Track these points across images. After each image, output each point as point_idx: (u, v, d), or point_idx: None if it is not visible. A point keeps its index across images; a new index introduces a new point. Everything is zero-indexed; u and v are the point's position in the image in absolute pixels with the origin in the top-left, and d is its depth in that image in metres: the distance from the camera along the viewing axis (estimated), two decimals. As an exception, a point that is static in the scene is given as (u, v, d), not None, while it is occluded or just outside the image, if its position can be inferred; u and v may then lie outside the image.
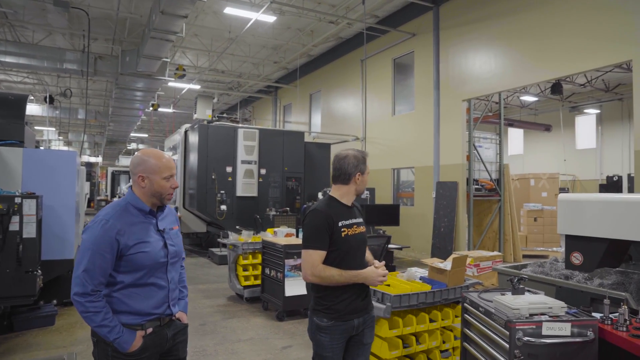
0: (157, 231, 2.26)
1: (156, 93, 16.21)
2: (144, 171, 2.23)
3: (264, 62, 17.69)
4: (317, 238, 2.51)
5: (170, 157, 2.34)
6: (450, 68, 10.97)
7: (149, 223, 2.25)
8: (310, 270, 2.49)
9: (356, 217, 2.70)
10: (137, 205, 2.25)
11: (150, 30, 9.66)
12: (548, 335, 2.47)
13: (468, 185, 10.56)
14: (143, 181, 2.23)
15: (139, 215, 2.24)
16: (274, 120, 21.47)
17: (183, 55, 17.13)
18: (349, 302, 2.56)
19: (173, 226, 2.39)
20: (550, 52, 8.54)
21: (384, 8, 12.59)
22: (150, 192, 2.24)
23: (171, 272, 2.31)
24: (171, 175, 2.28)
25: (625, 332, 2.44)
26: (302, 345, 5.14)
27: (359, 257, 2.66)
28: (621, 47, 7.41)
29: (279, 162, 11.90)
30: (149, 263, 2.17)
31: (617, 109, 18.31)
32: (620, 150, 17.75)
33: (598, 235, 3.54)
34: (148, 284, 2.20)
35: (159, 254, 2.22)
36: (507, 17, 9.47)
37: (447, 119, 10.99)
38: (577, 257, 3.79)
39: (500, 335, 2.58)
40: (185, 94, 20.43)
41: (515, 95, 18.32)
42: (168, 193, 2.28)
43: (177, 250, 2.35)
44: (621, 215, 3.36)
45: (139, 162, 2.25)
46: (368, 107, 14.18)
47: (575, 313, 2.60)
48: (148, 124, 28.56)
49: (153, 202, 2.28)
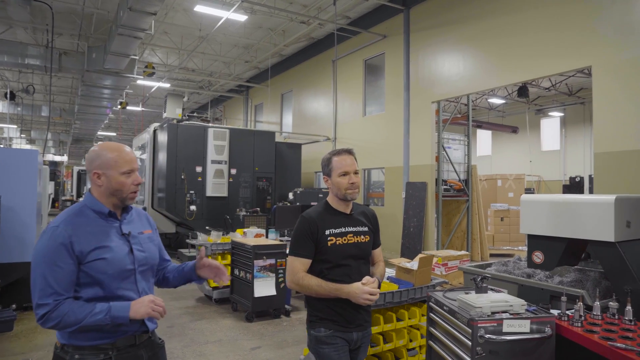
0: (121, 235, 1.99)
1: (124, 91, 15.85)
2: (99, 167, 1.95)
3: (235, 61, 17.54)
4: (299, 245, 2.40)
5: (130, 150, 2.05)
6: (420, 70, 11.13)
7: (109, 227, 1.97)
8: (290, 277, 2.40)
9: (356, 226, 2.50)
10: (94, 207, 1.97)
11: (118, 27, 9.44)
12: (508, 332, 2.53)
13: (437, 185, 10.72)
14: (99, 178, 1.95)
15: (97, 219, 1.96)
16: (245, 120, 21.32)
17: (152, 53, 16.82)
18: (344, 314, 2.40)
19: (144, 230, 2.13)
20: (517, 57, 8.76)
21: (355, 9, 12.66)
22: (109, 190, 1.96)
23: (142, 282, 2.02)
24: (132, 170, 1.99)
25: (580, 327, 2.52)
26: (271, 346, 5.12)
27: (354, 270, 2.43)
28: (582, 54, 7.67)
29: (250, 162, 11.82)
30: (111, 271, 1.89)
31: (579, 112, 18.95)
32: (582, 152, 18.38)
33: (557, 234, 3.65)
34: (115, 296, 1.90)
35: (124, 261, 1.93)
36: (475, 22, 9.67)
37: (417, 120, 11.14)
38: (538, 256, 3.90)
39: (463, 333, 2.63)
40: (154, 92, 20.06)
41: (484, 97, 18.73)
42: (130, 191, 1.99)
43: (148, 257, 2.07)
44: (578, 216, 3.47)
45: (93, 157, 1.98)
46: (339, 107, 14.23)
47: (535, 310, 2.68)
48: (116, 122, 27.92)
49: (113, 203, 1.99)
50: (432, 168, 10.70)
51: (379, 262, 2.64)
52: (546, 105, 19.63)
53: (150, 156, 12.17)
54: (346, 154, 2.52)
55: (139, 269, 2.01)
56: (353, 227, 2.48)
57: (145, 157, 12.37)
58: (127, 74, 12.91)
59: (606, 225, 3.30)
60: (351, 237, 2.46)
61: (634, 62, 6.91)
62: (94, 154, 1.99)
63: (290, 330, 5.70)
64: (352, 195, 2.47)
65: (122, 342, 1.93)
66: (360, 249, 2.48)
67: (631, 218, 3.41)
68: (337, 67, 14.17)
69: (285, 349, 5.05)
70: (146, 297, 1.93)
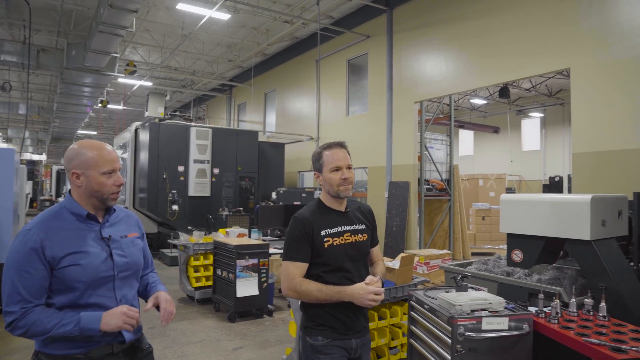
0: (101, 239, 1.88)
1: (105, 89, 15.60)
2: (78, 166, 1.84)
3: (218, 60, 17.42)
4: (294, 248, 2.22)
5: (112, 149, 1.94)
6: (403, 70, 11.20)
7: (87, 230, 1.86)
8: (287, 284, 2.21)
9: (352, 224, 2.35)
10: (73, 210, 1.86)
11: (98, 24, 9.29)
12: (487, 329, 2.56)
13: (419, 185, 10.81)
14: (78, 179, 1.85)
15: (74, 222, 1.85)
16: (228, 119, 21.19)
17: (134, 51, 16.60)
18: (344, 320, 2.24)
19: (128, 233, 2.00)
20: (498, 58, 8.88)
21: (339, 9, 12.69)
22: (88, 191, 1.85)
23: (122, 289, 1.91)
24: (113, 170, 1.88)
25: (556, 324, 2.57)
26: (253, 347, 5.10)
27: (354, 271, 2.29)
28: (561, 56, 7.81)
29: (233, 161, 11.76)
30: (85, 279, 1.77)
31: (559, 113, 19.29)
32: (562, 152, 18.71)
33: (536, 233, 3.71)
34: (89, 304, 1.79)
35: (101, 267, 1.82)
36: (457, 23, 9.77)
37: (400, 120, 11.21)
38: (517, 255, 3.96)
39: (443, 331, 2.66)
40: (136, 90, 19.82)
41: (466, 98, 18.93)
42: (111, 192, 1.88)
43: (130, 263, 1.94)
44: (556, 215, 3.54)
45: (72, 155, 1.87)
46: (322, 107, 14.25)
47: (513, 308, 2.72)
48: (97, 120, 27.49)
49: (94, 204, 1.89)
50: (415, 168, 10.78)
51: (378, 261, 2.50)
52: (527, 106, 19.93)
53: (132, 155, 12.02)
54: (338, 147, 2.34)
55: (119, 275, 1.89)
56: (350, 226, 2.34)
57: (126, 156, 12.22)
58: (108, 72, 12.71)
59: (582, 224, 3.37)
60: (348, 236, 2.31)
61: (611, 64, 7.06)
62: (72, 152, 1.88)
63: (273, 330, 5.69)
64: (345, 193, 2.31)
65: (97, 351, 1.83)
66: (359, 249, 2.34)
67: (606, 217, 3.49)
68: (321, 66, 14.19)
69: (267, 349, 5.04)
70: (119, 308, 1.82)
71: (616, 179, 6.81)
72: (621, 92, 6.92)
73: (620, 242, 4.30)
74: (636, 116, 6.66)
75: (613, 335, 2.36)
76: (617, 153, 6.90)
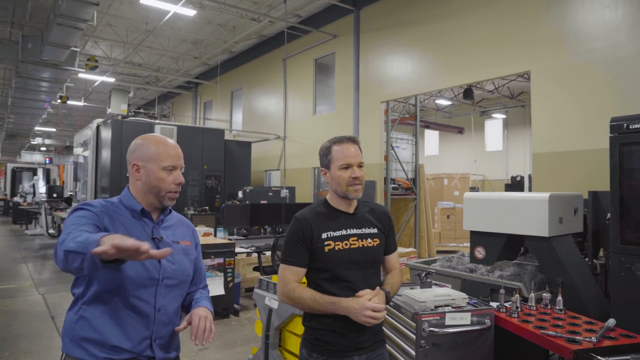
0: (152, 239, 1.74)
1: (64, 84, 15.06)
2: (139, 158, 1.75)
3: (183, 56, 17.11)
4: (291, 251, 2.03)
5: (176, 145, 1.82)
6: (369, 70, 11.29)
7: (141, 226, 1.75)
8: (280, 289, 2.04)
9: (361, 227, 2.08)
10: (128, 203, 1.76)
11: (57, 16, 8.94)
12: (451, 325, 2.62)
13: (386, 184, 10.93)
14: (138, 172, 1.75)
15: (128, 217, 1.75)
16: (194, 117, 20.85)
17: (95, 46, 16.10)
18: (345, 335, 1.97)
19: (181, 240, 1.85)
20: (462, 60, 9.07)
21: (306, 8, 12.67)
22: (147, 186, 1.75)
23: (164, 298, 1.72)
24: (174, 167, 1.77)
25: (516, 318, 2.65)
26: (219, 347, 5.04)
27: (360, 281, 2.00)
28: (522, 59, 8.05)
29: (198, 160, 11.58)
30: (132, 274, 1.62)
31: (520, 114, 19.89)
32: (523, 153, 19.30)
33: (497, 230, 3.81)
34: (125, 304, 1.64)
35: (147, 267, 1.66)
36: (423, 25, 9.92)
37: (366, 120, 11.30)
38: (480, 252, 4.06)
39: (408, 327, 2.70)
40: (98, 86, 19.22)
41: (431, 98, 19.27)
42: (169, 191, 1.76)
43: (177, 271, 1.77)
44: (516, 213, 3.64)
45: (134, 148, 1.78)
46: (289, 106, 14.21)
47: (475, 303, 2.78)
48: (56, 117, 26.51)
49: (150, 202, 1.77)
50: (381, 167, 10.89)
51: (392, 271, 2.18)
52: (490, 108, 20.46)
53: (93, 153, 11.65)
54: (349, 142, 2.11)
55: (164, 282, 1.72)
56: (357, 229, 2.07)
57: (87, 154, 11.84)
58: (67, 67, 12.26)
59: (541, 221, 3.48)
60: (355, 240, 2.04)
61: (569, 67, 7.33)
62: (134, 145, 1.79)
63: (239, 330, 5.64)
64: (354, 194, 2.06)
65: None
66: (367, 255, 2.05)
67: (563, 214, 3.61)
68: (288, 65, 14.14)
69: (233, 349, 4.99)
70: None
71: (573, 178, 7.07)
72: (577, 95, 7.19)
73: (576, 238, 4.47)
74: (591, 118, 6.94)
75: (569, 327, 2.45)
76: (574, 153, 7.17)
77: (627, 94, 6.56)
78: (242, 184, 12.13)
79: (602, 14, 6.92)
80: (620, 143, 3.09)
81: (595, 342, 2.18)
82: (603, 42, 6.88)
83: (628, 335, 2.31)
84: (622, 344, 2.19)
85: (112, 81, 17.90)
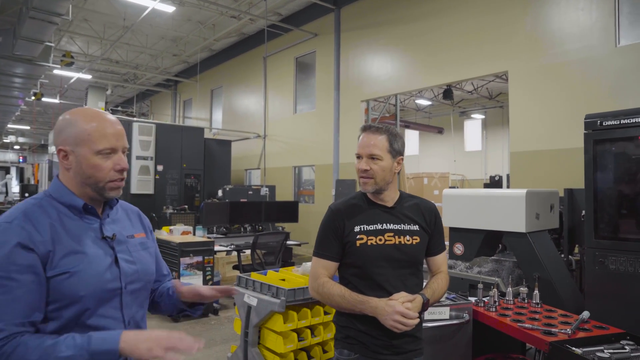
0: (102, 239, 1.40)
1: (39, 80, 14.70)
2: (65, 141, 1.36)
3: (162, 54, 16.87)
4: (322, 243, 1.93)
5: (114, 120, 1.42)
6: (350, 69, 11.32)
7: (85, 227, 1.38)
8: (311, 283, 1.94)
9: (399, 223, 1.94)
10: (63, 199, 1.38)
11: (29, 10, 8.71)
12: (430, 319, 2.63)
13: (366, 183, 10.95)
14: (66, 158, 1.37)
15: (66, 215, 1.37)
16: (173, 116, 20.60)
17: (71, 41, 15.75)
18: (376, 337, 1.85)
19: (134, 233, 1.52)
20: (441, 60, 9.16)
21: (287, 7, 12.62)
22: (80, 177, 1.37)
23: (131, 307, 1.43)
24: (113, 150, 1.38)
25: (494, 312, 2.67)
26: (197, 346, 4.97)
27: (393, 281, 1.87)
28: (499, 60, 8.17)
29: (178, 158, 11.44)
30: (84, 292, 1.28)
31: (498, 115, 20.18)
32: (501, 153, 19.59)
33: (476, 227, 3.85)
34: (87, 326, 1.30)
35: (105, 277, 1.34)
36: (403, 25, 9.98)
37: (347, 119, 11.32)
38: (458, 248, 4.09)
39: (387, 322, 2.69)
40: (74, 83, 18.81)
41: (412, 98, 19.41)
42: (110, 180, 1.38)
43: (140, 271, 1.46)
44: (494, 209, 3.68)
45: (60, 127, 1.38)
46: (270, 104, 14.15)
47: (454, 298, 2.80)
48: (30, 114, 25.88)
49: (89, 196, 1.40)
50: (362, 166, 10.91)
51: (438, 274, 2.03)
52: (469, 108, 20.71)
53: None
54: (370, 131, 1.98)
55: (128, 288, 1.41)
56: (395, 224, 1.93)
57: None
58: (41, 62, 11.97)
59: (518, 217, 3.53)
60: (390, 236, 1.90)
61: (544, 68, 7.46)
62: (63, 122, 1.39)
63: (218, 329, 5.58)
64: (363, 187, 1.94)
65: None
66: (404, 254, 1.90)
67: (540, 210, 3.67)
68: (269, 64, 14.07)
69: (212, 348, 4.93)
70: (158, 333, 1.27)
71: (550, 176, 7.20)
72: (553, 95, 7.33)
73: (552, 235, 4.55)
74: (567, 117, 7.08)
75: (545, 320, 2.48)
76: (550, 152, 7.31)
77: (601, 94, 6.72)
78: (222, 182, 12.03)
79: (576, 16, 7.06)
80: (594, 140, 3.15)
81: (570, 333, 2.22)
82: (577, 43, 7.03)
83: (601, 326, 2.35)
84: (595, 335, 2.23)
85: (88, 78, 17.54)
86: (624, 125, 2.96)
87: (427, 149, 23.41)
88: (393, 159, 1.94)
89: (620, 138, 3.02)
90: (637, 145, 2.99)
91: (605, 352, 2.02)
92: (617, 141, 3.04)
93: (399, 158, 1.97)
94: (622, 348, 2.09)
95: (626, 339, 2.19)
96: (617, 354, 2.01)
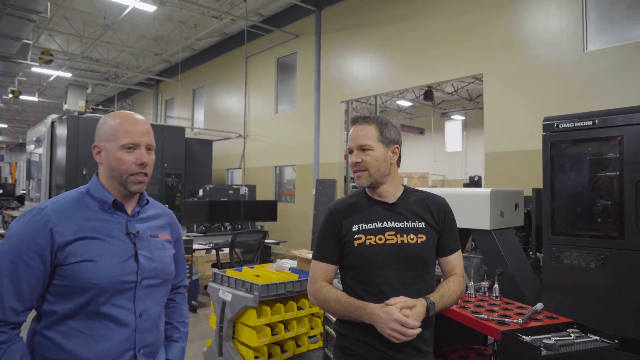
0: (126, 234, 1.50)
1: (16, 78, 14.50)
2: (99, 139, 1.53)
3: (144, 53, 16.79)
4: (320, 245, 1.82)
5: (141, 120, 1.57)
6: (330, 70, 11.44)
7: (113, 222, 1.49)
8: (308, 287, 1.82)
9: (402, 220, 1.78)
10: (97, 194, 1.51)
11: (6, 6, 8.62)
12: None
13: (346, 182, 11.10)
14: (99, 154, 1.53)
15: (97, 211, 1.49)
16: (155, 115, 20.48)
17: (50, 39, 15.59)
18: (375, 346, 1.68)
19: (159, 233, 1.62)
20: (420, 61, 9.34)
21: (268, 7, 12.70)
22: (108, 170, 1.51)
23: (145, 301, 1.49)
24: (136, 145, 1.50)
25: (455, 305, 2.80)
26: (174, 343, 5.03)
27: (397, 285, 1.70)
28: (475, 62, 8.39)
29: (159, 158, 11.40)
30: (98, 280, 1.38)
31: (478, 116, 20.48)
32: (481, 153, 19.89)
33: (444, 224, 3.99)
34: (99, 314, 1.40)
35: (121, 269, 1.44)
36: (383, 26, 10.14)
37: (327, 119, 11.45)
38: (428, 245, 4.22)
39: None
40: (53, 81, 18.61)
41: (393, 99, 19.63)
42: (131, 173, 1.49)
43: (158, 269, 1.54)
44: (461, 207, 3.82)
45: (97, 127, 1.56)
46: (251, 104, 14.20)
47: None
48: (8, 112, 25.47)
49: (117, 190, 1.52)
50: (341, 166, 11.05)
51: (450, 277, 1.85)
52: (450, 109, 21.01)
53: (48, 150, 11.31)
54: (360, 123, 1.84)
55: (144, 283, 1.49)
56: (397, 222, 1.77)
57: (41, 151, 11.48)
58: (19, 60, 11.83)
59: (483, 215, 3.68)
60: (392, 235, 1.74)
61: (518, 71, 7.69)
62: (99, 123, 1.56)
63: (196, 326, 5.64)
64: (358, 181, 1.80)
65: None
66: (408, 254, 1.73)
67: (504, 209, 3.83)
68: (250, 64, 14.13)
69: (189, 344, 4.95)
70: None
71: (522, 176, 7.41)
72: (526, 97, 7.56)
73: (520, 233, 4.73)
74: (539, 119, 7.27)
75: (502, 312, 2.62)
76: (523, 153, 7.53)
77: (570, 97, 6.95)
78: (203, 182, 12.06)
79: (547, 22, 7.29)
80: (551, 141, 3.31)
81: (521, 323, 2.36)
82: (548, 47, 7.26)
83: (552, 317, 2.50)
84: (545, 324, 2.37)
85: (68, 76, 17.36)
86: (577, 128, 3.13)
87: (408, 150, 23.48)
88: (386, 148, 1.81)
89: (575, 140, 3.19)
90: (590, 146, 3.16)
91: (551, 340, 2.16)
92: (571, 143, 3.21)
93: (393, 147, 1.85)
94: (568, 335, 2.24)
95: (573, 327, 2.35)
96: (562, 341, 2.16)
